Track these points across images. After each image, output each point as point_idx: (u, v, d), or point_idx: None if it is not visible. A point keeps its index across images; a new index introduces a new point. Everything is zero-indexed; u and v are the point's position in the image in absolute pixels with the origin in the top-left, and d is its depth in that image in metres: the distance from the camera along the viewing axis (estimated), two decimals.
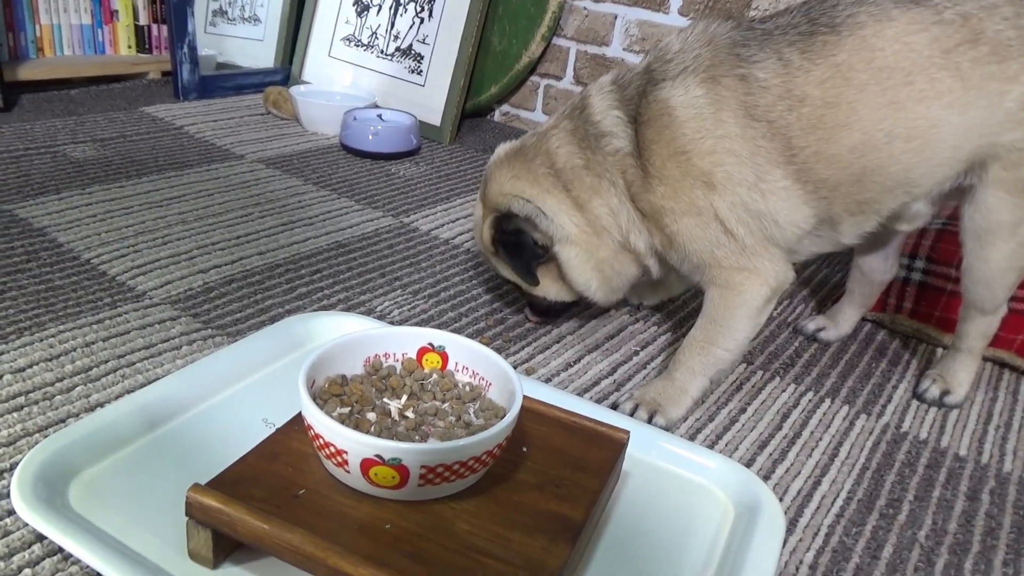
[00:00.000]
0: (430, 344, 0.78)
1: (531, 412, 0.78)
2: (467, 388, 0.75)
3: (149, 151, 1.59)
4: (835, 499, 0.84)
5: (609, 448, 0.74)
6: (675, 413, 0.91)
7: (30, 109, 1.76)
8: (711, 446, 0.90)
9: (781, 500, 0.82)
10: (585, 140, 0.93)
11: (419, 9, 1.96)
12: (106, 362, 0.90)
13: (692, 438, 0.91)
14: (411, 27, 1.98)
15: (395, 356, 0.77)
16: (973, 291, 0.98)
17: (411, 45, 1.98)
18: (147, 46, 2.11)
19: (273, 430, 0.79)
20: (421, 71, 1.96)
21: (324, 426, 0.62)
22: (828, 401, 1.02)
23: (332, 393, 0.70)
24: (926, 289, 1.19)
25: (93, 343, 0.93)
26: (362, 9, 2.06)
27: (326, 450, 0.63)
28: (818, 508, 0.82)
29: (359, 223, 1.38)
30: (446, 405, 0.72)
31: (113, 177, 1.44)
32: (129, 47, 2.08)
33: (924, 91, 0.82)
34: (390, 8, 2.02)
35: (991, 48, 0.82)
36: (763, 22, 0.89)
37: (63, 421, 0.80)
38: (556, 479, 0.69)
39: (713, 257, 0.88)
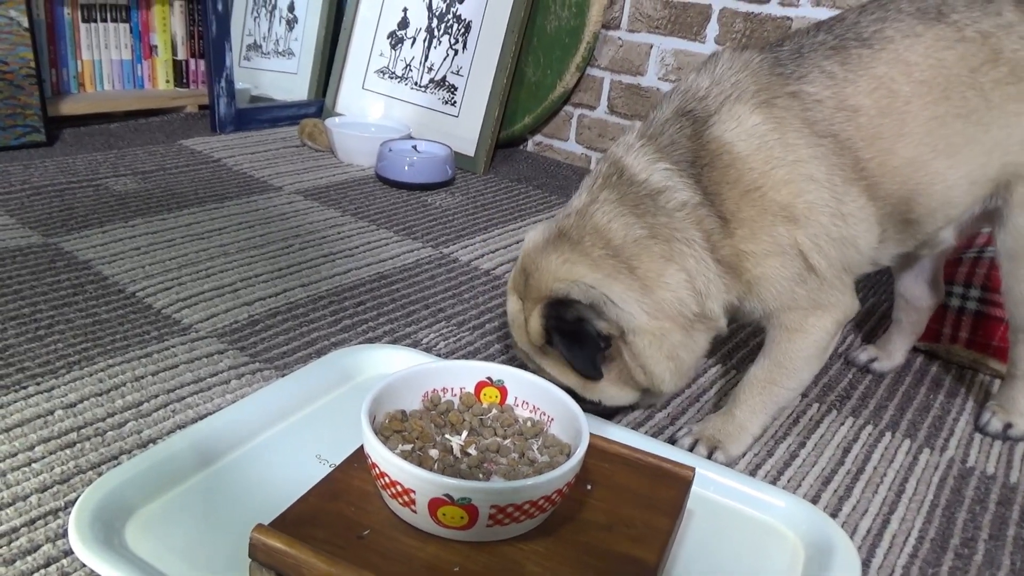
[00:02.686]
0: (488, 378, 0.76)
1: (592, 448, 0.76)
2: (528, 424, 0.73)
3: (189, 184, 1.61)
4: (907, 538, 0.80)
5: (676, 486, 0.72)
6: (736, 450, 0.89)
7: (72, 143, 1.78)
8: (773, 482, 0.87)
9: (851, 539, 0.79)
10: (639, 206, 0.83)
11: (453, 41, 1.98)
12: (156, 396, 0.89)
13: (752, 475, 0.88)
14: (445, 59, 1.99)
15: (453, 391, 0.76)
16: (1017, 314, 0.96)
17: (445, 76, 1.99)
18: (185, 80, 2.14)
19: (327, 467, 0.78)
20: (455, 102, 1.97)
21: (391, 464, 0.60)
22: (889, 435, 0.99)
23: (393, 429, 0.69)
24: (982, 318, 1.16)
25: (143, 377, 0.92)
26: (396, 42, 2.08)
27: (391, 489, 0.61)
28: (890, 548, 0.79)
29: (399, 254, 1.38)
30: (508, 441, 0.71)
31: (155, 210, 1.44)
32: (167, 81, 2.11)
33: (959, 108, 0.81)
34: (424, 40, 2.03)
35: (1010, 69, 0.82)
36: (781, 45, 0.86)
37: (116, 458, 0.79)
38: (625, 519, 0.67)
39: (793, 298, 0.83)
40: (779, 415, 0.99)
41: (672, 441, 0.91)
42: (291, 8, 2.36)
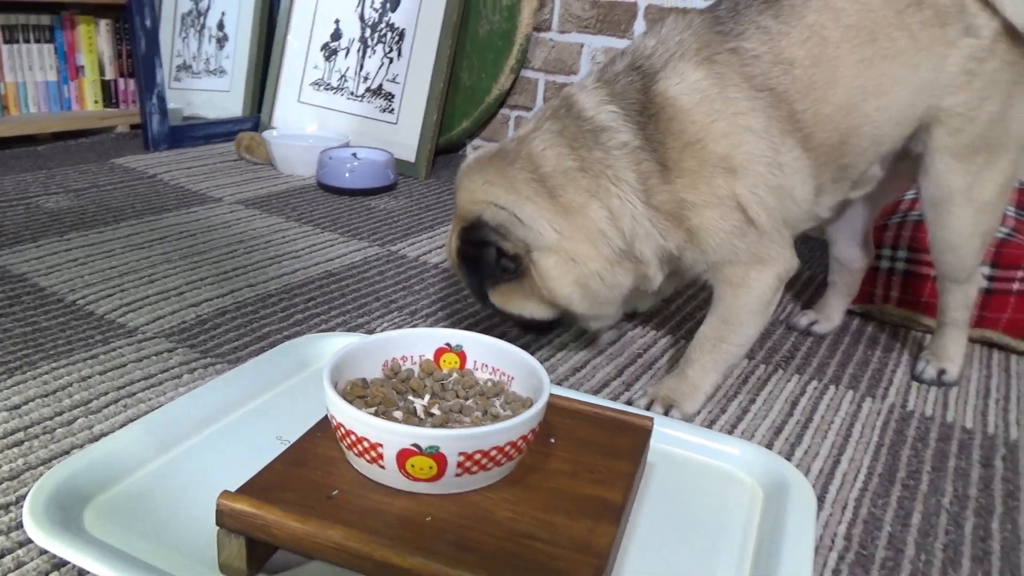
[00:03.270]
0: (447, 344, 0.77)
1: (553, 407, 0.77)
2: (489, 384, 0.74)
3: (124, 199, 1.57)
4: (856, 475, 0.84)
5: (636, 435, 0.74)
6: (690, 408, 0.91)
7: None
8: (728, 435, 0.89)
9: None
10: (578, 139, 0.87)
11: (387, 50, 1.99)
12: (106, 394, 0.87)
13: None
14: (380, 67, 2.00)
15: (412, 359, 0.77)
16: (943, 262, 1.01)
17: (381, 85, 2.00)
18: (114, 100, 2.10)
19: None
20: (393, 109, 1.98)
21: (357, 420, 0.60)
22: (833, 387, 1.03)
23: (355, 395, 0.69)
24: (911, 277, 1.22)
25: (89, 377, 0.90)
26: (330, 54, 2.09)
27: (358, 447, 0.62)
28: (842, 484, 0.82)
29: (347, 253, 1.37)
30: (470, 401, 0.71)
31: (90, 224, 1.41)
32: (96, 102, 2.07)
33: (887, 49, 0.86)
34: (358, 51, 2.04)
35: (934, 12, 0.86)
36: (719, 4, 0.91)
37: (67, 453, 0.76)
38: (589, 465, 0.68)
39: (733, 251, 0.86)
40: (729, 374, 1.02)
41: (628, 403, 0.93)
42: (220, 26, 2.35)
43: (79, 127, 2.00)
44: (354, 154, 1.81)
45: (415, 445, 0.59)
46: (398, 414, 0.68)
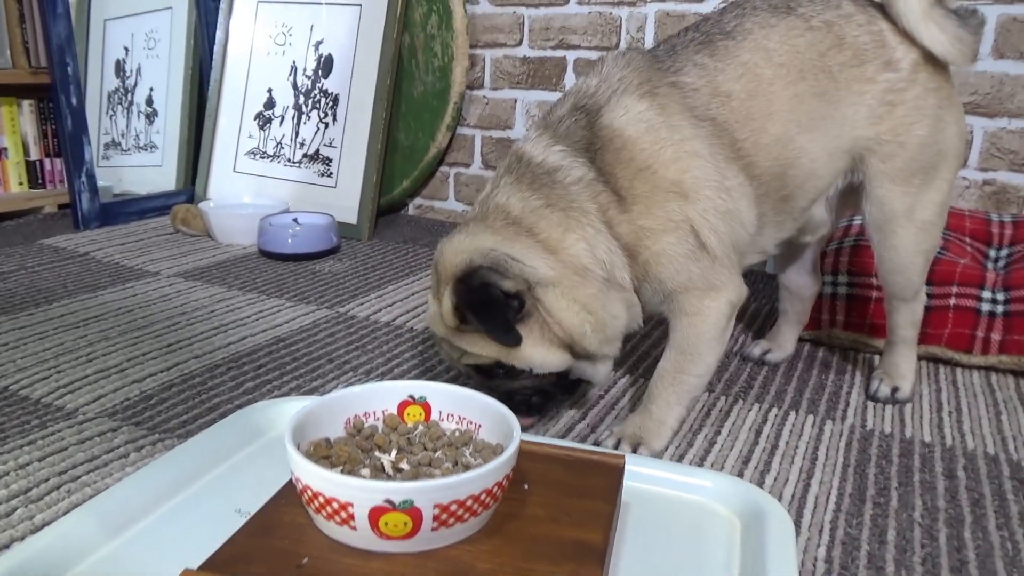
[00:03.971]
0: (410, 396, 0.75)
1: (524, 452, 0.75)
2: (456, 434, 0.72)
3: (55, 279, 1.51)
4: (828, 497, 0.84)
5: (609, 474, 0.73)
6: (658, 444, 0.91)
7: None
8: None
9: None
10: (535, 182, 0.87)
11: (323, 115, 2.00)
12: (46, 480, 0.81)
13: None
14: (316, 133, 2.00)
15: (375, 414, 0.74)
16: (890, 281, 1.04)
17: (318, 150, 2.00)
18: (40, 181, 2.04)
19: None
20: (331, 173, 1.97)
21: (325, 480, 0.58)
22: (793, 413, 1.04)
23: (319, 456, 0.66)
24: (853, 300, 1.26)
25: (27, 464, 0.84)
26: (264, 122, 2.08)
27: (327, 509, 0.59)
28: (816, 507, 0.82)
29: (295, 317, 1.34)
30: (439, 453, 0.69)
31: (19, 307, 1.35)
32: (20, 184, 2.01)
33: (814, 87, 0.90)
34: (293, 118, 2.04)
35: (853, 52, 0.92)
36: (657, 47, 0.96)
37: (7, 546, 0.71)
38: (566, 508, 0.67)
39: (688, 278, 0.87)
40: (692, 406, 1.02)
41: (596, 444, 0.92)
42: (149, 102, 2.32)
43: (3, 210, 1.92)
44: (295, 219, 1.79)
45: (388, 501, 0.57)
46: (365, 472, 0.66)
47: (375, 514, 0.57)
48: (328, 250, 1.77)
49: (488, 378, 0.91)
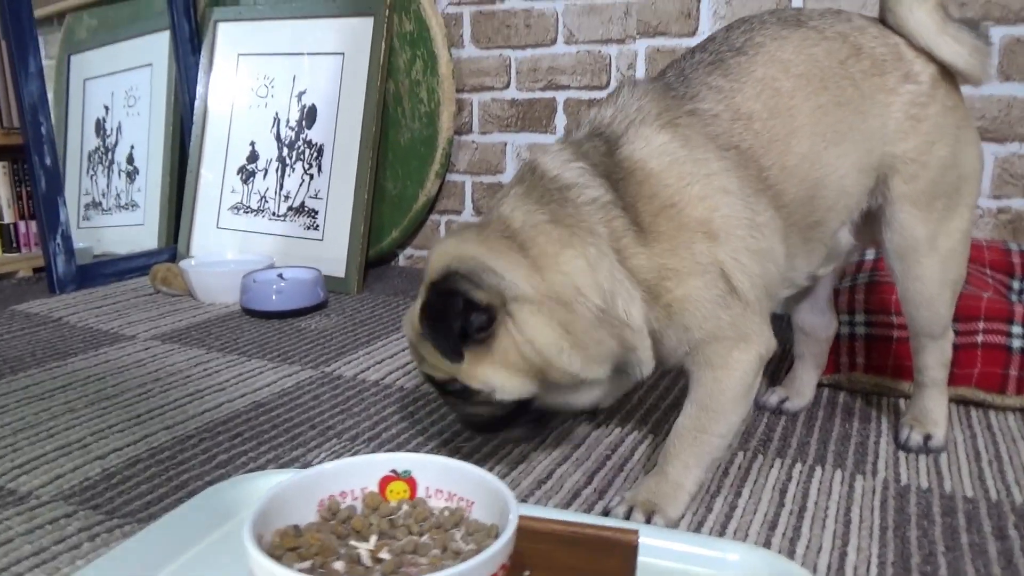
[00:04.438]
0: (393, 471, 0.66)
1: (523, 531, 0.66)
2: (446, 513, 0.63)
3: (24, 347, 1.43)
4: (868, 567, 0.75)
5: (621, 554, 0.63)
6: (674, 512, 0.81)
7: None
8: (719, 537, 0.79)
9: None
10: (545, 196, 0.81)
11: (307, 167, 1.94)
12: None
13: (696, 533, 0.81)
14: (301, 185, 1.94)
15: (353, 493, 0.65)
16: (917, 317, 0.96)
17: (303, 202, 1.94)
18: (15, 244, 1.97)
19: None
20: (318, 226, 1.91)
21: None
22: (819, 468, 0.95)
23: (286, 548, 0.57)
24: (873, 341, 1.17)
25: None
26: (247, 176, 2.02)
27: None
28: None
29: (276, 380, 1.26)
30: (426, 537, 0.60)
31: None
32: None
33: (838, 96, 0.84)
34: (276, 170, 1.98)
35: (872, 62, 0.86)
36: (664, 74, 0.90)
37: None
38: None
39: (718, 325, 0.79)
40: (713, 469, 0.92)
41: (605, 513, 0.83)
42: (130, 160, 2.27)
43: None
44: (280, 275, 1.71)
45: None
46: (339, 565, 0.56)
47: None
48: (315, 306, 1.69)
49: (443, 394, 0.86)
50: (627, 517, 0.80)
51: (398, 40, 1.89)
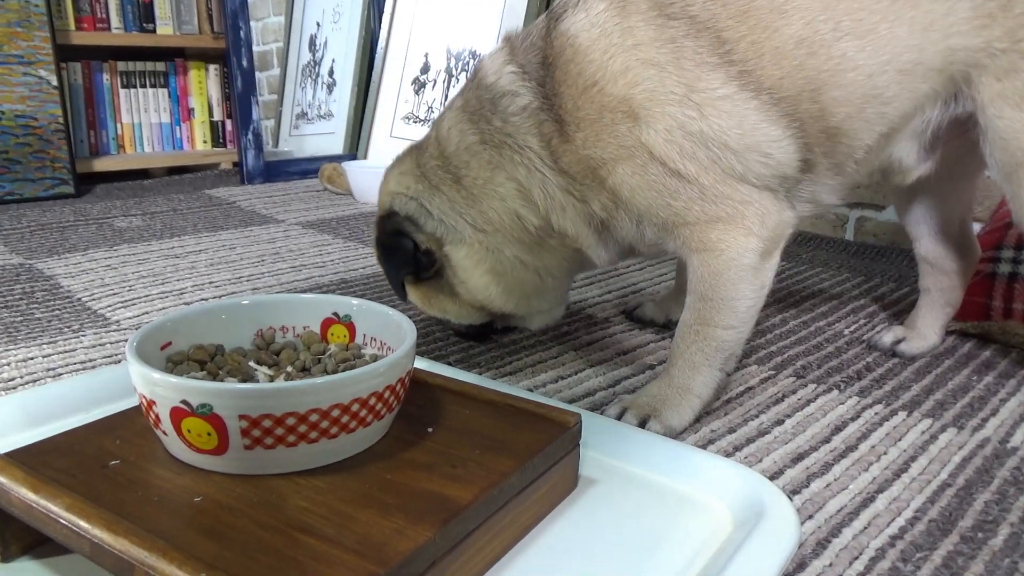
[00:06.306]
0: (335, 314, 0.64)
1: (458, 394, 0.62)
2: (369, 359, 0.60)
3: (192, 220, 1.61)
4: (893, 519, 0.59)
5: (545, 431, 0.56)
6: (676, 419, 0.71)
7: (101, 195, 1.85)
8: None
9: (811, 518, 0.60)
10: (479, 111, 0.75)
11: None
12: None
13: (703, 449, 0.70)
14: None
15: (294, 330, 0.64)
16: None
17: None
18: (221, 140, 2.22)
19: None
20: None
21: (134, 372, 0.49)
22: (904, 414, 0.77)
23: (194, 359, 0.57)
24: None
25: (50, 356, 0.86)
26: (419, 87, 2.08)
27: (144, 409, 0.50)
28: (866, 528, 0.58)
29: (369, 265, 1.29)
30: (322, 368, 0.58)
31: (146, 239, 1.44)
32: (204, 142, 2.19)
33: None
34: (444, 82, 2.02)
35: None
36: None
37: None
38: (454, 459, 0.52)
39: (671, 211, 0.68)
40: (728, 369, 0.77)
41: (602, 413, 0.74)
42: (331, 72, 2.44)
43: (184, 164, 2.11)
44: None
45: (184, 402, 0.47)
46: (232, 380, 0.56)
47: (176, 417, 0.47)
48: None
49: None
50: (618, 419, 0.71)
51: None
